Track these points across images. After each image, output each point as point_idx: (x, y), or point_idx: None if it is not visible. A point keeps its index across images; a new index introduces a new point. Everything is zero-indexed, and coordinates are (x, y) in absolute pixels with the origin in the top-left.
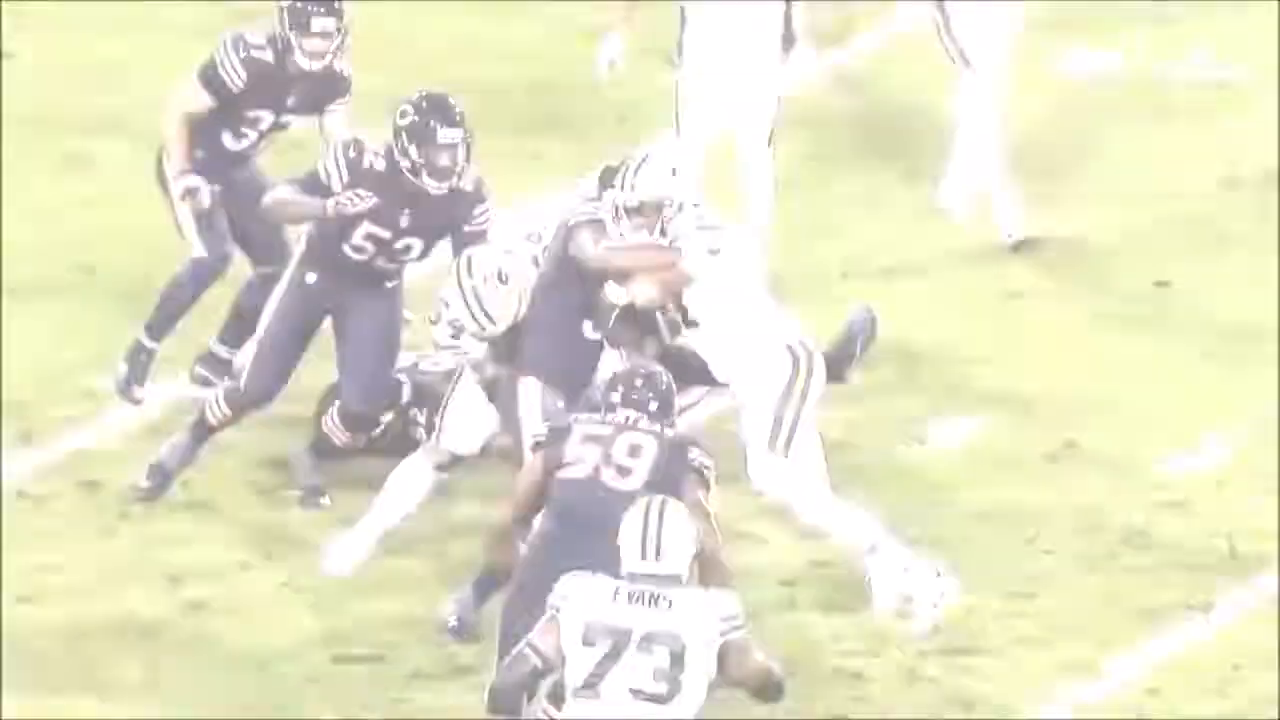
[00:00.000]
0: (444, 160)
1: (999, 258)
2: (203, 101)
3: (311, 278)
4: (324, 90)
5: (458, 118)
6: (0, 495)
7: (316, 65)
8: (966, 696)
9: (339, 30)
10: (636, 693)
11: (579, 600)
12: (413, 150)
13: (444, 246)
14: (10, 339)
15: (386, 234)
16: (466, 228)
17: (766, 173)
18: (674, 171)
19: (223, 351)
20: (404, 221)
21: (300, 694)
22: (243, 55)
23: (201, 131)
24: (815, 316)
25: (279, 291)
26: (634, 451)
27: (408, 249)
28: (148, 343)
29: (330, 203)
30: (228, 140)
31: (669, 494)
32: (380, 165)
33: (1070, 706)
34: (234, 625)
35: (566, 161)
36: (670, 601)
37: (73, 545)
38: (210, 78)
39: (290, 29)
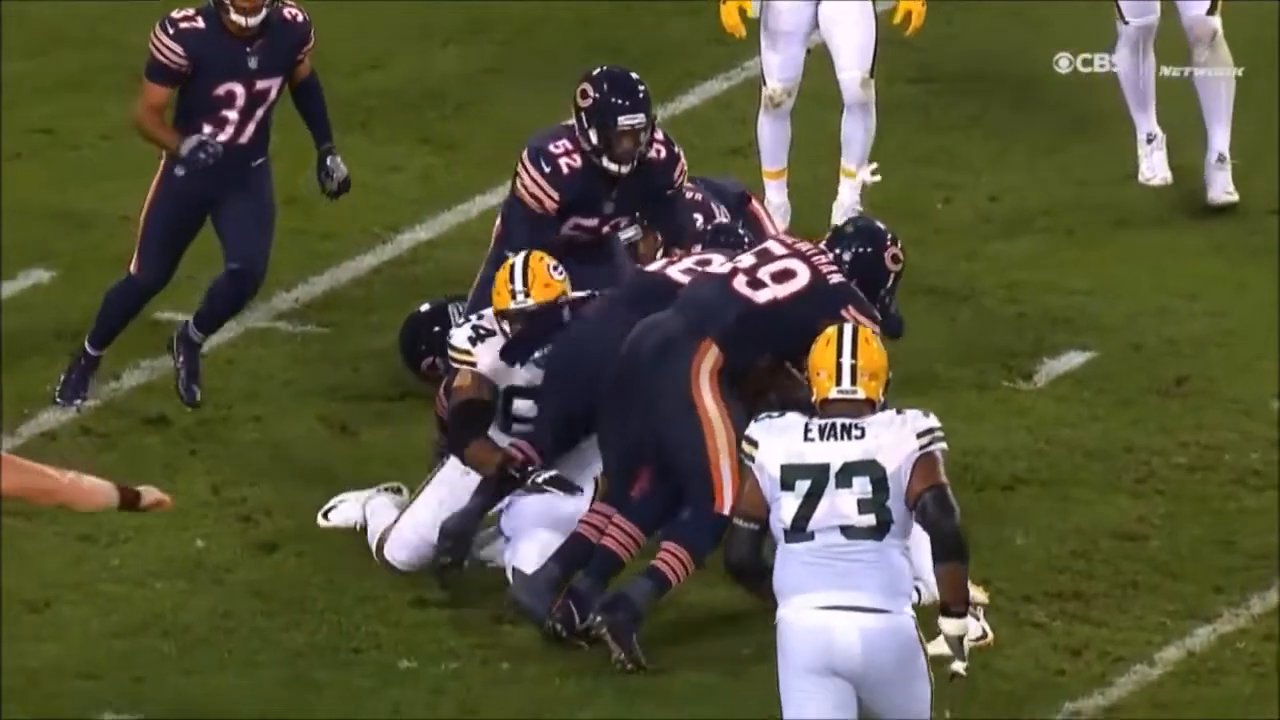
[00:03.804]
0: (625, 144)
1: (1107, 184)
2: (159, 94)
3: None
4: (285, 41)
5: (641, 98)
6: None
7: (254, 20)
8: (1074, 642)
9: None
10: (848, 530)
11: (773, 445)
12: (593, 134)
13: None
14: (74, 271)
15: (593, 222)
16: (669, 191)
17: (869, 111)
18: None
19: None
20: (608, 208)
21: (379, 640)
22: (172, 32)
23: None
24: (913, 245)
25: None
26: (782, 276)
27: (616, 225)
28: (90, 350)
29: None
30: (209, 130)
31: (795, 327)
32: (576, 162)
33: (1183, 652)
34: (308, 567)
35: (657, 88)
36: (863, 430)
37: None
38: (154, 70)
39: None
